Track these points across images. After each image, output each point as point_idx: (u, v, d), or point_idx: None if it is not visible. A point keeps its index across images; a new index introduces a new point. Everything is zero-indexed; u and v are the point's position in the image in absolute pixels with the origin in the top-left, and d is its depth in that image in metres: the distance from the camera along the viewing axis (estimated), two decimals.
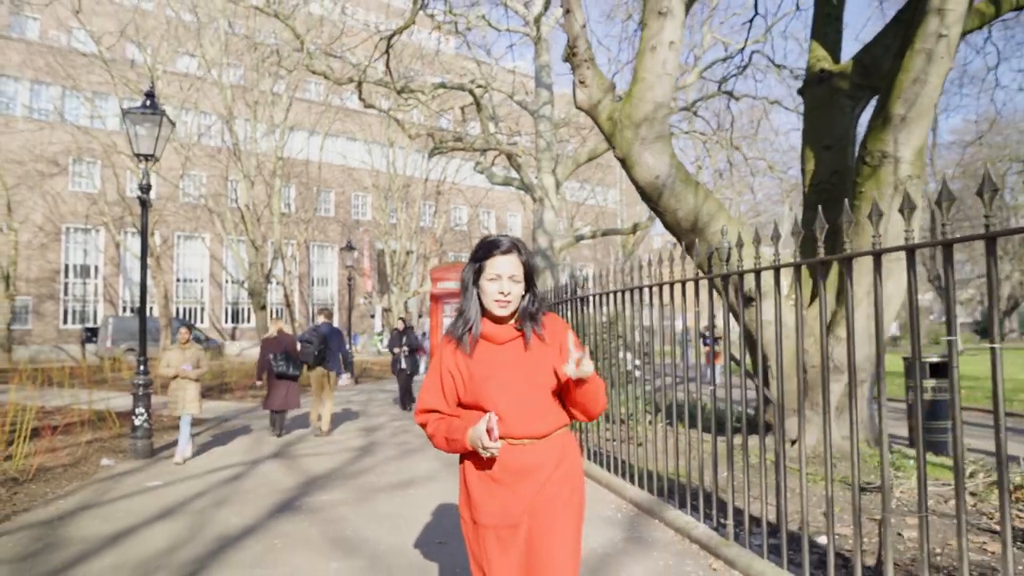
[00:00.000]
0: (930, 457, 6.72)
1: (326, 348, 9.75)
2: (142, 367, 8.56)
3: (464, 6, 18.64)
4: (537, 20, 18.64)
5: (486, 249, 2.21)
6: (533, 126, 19.37)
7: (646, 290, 5.51)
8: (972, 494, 5.14)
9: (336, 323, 38.92)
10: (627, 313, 6.15)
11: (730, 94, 19.18)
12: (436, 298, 14.74)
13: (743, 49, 15.06)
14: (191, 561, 4.36)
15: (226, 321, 38.70)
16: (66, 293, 34.85)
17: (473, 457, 2.20)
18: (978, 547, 4.11)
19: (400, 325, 13.58)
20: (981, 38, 13.73)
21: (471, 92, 17.96)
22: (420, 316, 39.45)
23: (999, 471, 2.69)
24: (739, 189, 36.53)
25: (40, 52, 31.72)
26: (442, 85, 17.45)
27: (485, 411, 2.13)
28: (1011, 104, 40.87)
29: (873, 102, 6.79)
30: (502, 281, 2.16)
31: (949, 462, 6.39)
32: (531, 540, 2.14)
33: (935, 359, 7.70)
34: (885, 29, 7.06)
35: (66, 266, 34.82)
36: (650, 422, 7.68)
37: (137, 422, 8.30)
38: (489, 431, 2.06)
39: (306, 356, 9.59)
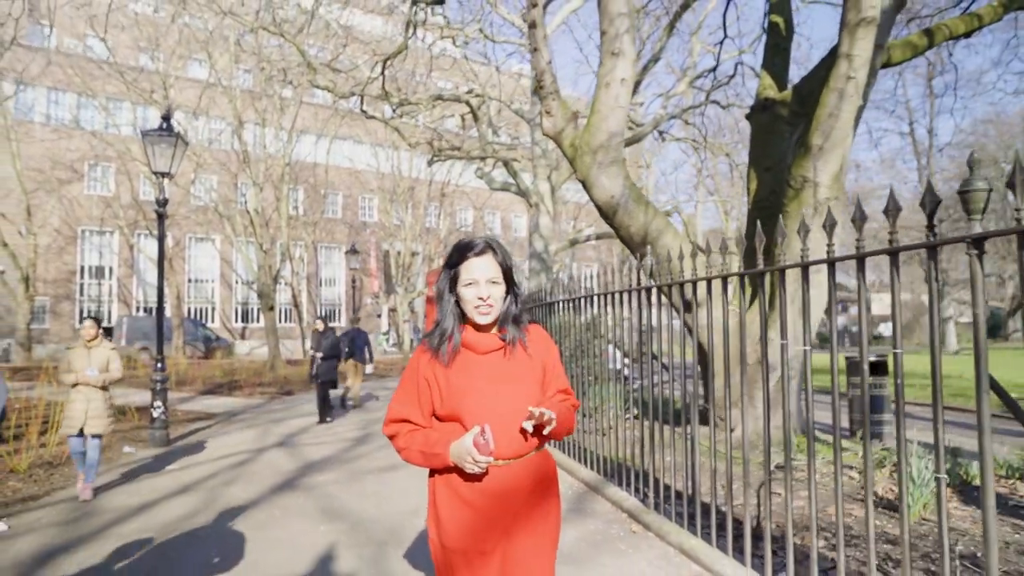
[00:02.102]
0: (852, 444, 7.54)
1: (353, 345, 12.92)
2: (159, 365, 9.48)
3: (461, 20, 19.51)
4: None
5: (459, 253, 2.09)
6: (530, 133, 20.16)
7: (600, 296, 6.37)
8: (859, 472, 6.02)
9: (344, 323, 39.93)
10: (581, 317, 7.01)
11: (717, 103, 20.02)
12: (431, 300, 15.60)
13: (715, 68, 15.83)
14: (205, 525, 5.26)
15: (236, 321, 39.70)
16: (81, 294, 35.94)
17: (447, 475, 2.08)
18: (847, 512, 4.96)
19: (320, 326, 11.89)
20: (982, 42, 14.34)
21: (468, 103, 18.85)
22: (426, 316, 40.37)
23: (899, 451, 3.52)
24: (738, 191, 37.35)
25: (57, 61, 32.79)
26: (439, 97, 18.29)
27: (464, 425, 2.04)
28: (1010, 104, 41.34)
29: None
30: (479, 285, 2.04)
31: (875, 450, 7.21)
32: (505, 570, 2.06)
33: (873, 358, 8.51)
34: (821, 62, 7.87)
35: (82, 267, 35.92)
36: (615, 415, 8.51)
37: (155, 414, 9.21)
38: (480, 446, 1.94)
39: (339, 351, 12.15)
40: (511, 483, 2.05)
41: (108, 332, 32.67)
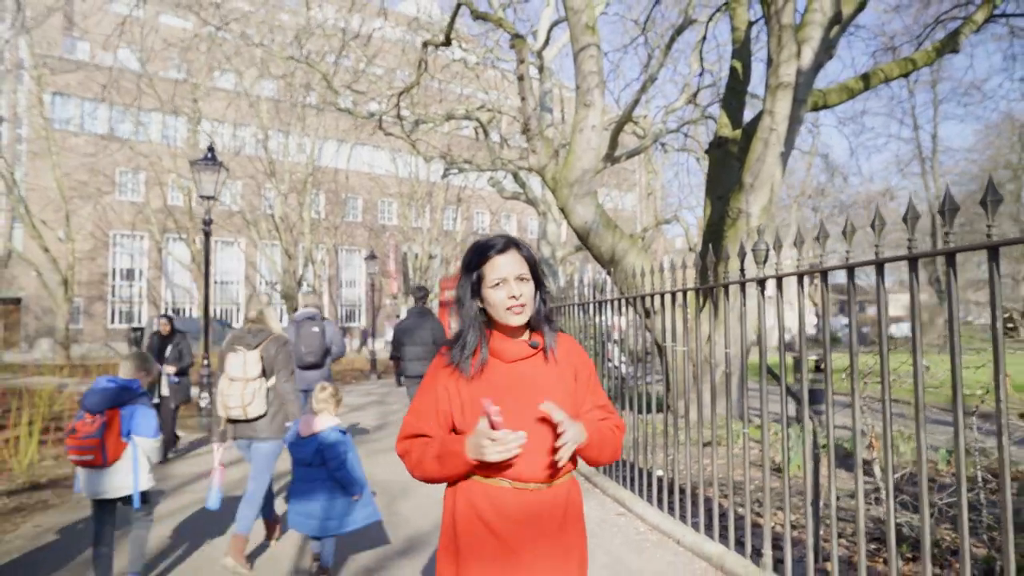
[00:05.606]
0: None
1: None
2: (206, 362, 11.03)
3: (473, 36, 21.06)
4: (540, 52, 20.90)
5: (480, 253, 1.87)
6: None
7: (581, 305, 7.82)
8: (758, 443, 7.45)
9: (363, 324, 41.59)
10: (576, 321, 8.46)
11: (712, 118, 21.36)
12: (444, 304, 17.11)
13: (696, 95, 17.20)
14: None
15: None
16: (113, 295, 37.94)
17: (467, 494, 1.85)
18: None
19: (165, 327, 8.66)
20: (984, 51, 15.59)
21: (477, 119, 20.33)
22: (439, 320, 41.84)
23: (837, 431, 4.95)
24: None
25: (92, 73, 34.67)
26: (450, 116, 19.77)
27: None
28: (1012, 110, 42.14)
29: None
30: (509, 284, 1.82)
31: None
32: None
33: (814, 357, 9.90)
34: (760, 111, 9.26)
35: (113, 270, 37.90)
36: None
37: (202, 404, 10.78)
38: (492, 424, 1.71)
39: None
40: (537, 511, 1.81)
41: (140, 331, 34.77)
